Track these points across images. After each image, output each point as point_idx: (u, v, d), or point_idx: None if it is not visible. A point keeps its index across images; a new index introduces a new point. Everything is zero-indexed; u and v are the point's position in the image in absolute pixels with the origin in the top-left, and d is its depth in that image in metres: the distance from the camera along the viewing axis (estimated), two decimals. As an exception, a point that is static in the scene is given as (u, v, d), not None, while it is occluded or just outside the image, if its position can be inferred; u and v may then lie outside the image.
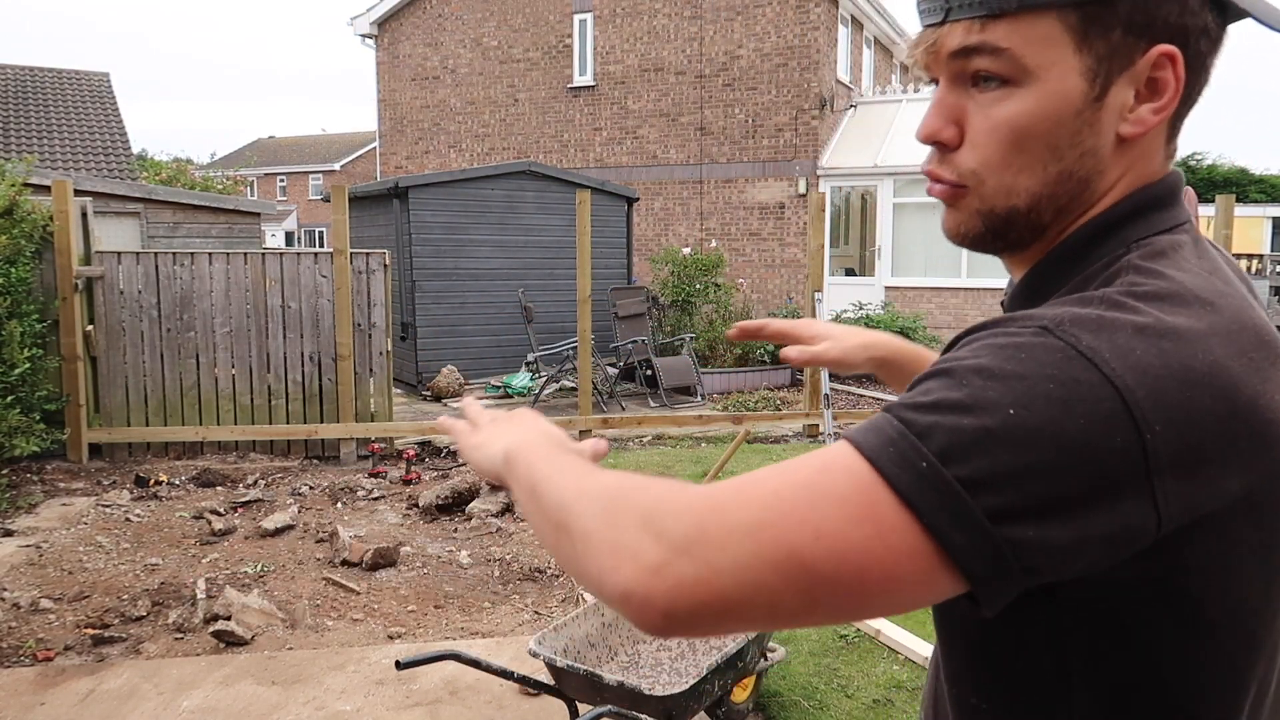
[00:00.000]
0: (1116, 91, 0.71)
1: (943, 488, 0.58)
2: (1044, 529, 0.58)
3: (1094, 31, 0.70)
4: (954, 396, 0.60)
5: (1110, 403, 0.58)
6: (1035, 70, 0.71)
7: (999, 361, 0.61)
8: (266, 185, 43.84)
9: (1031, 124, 0.72)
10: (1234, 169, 26.27)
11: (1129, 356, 0.60)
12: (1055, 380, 0.59)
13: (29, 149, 15.00)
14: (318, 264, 7.19)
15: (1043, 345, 0.61)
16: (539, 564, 4.84)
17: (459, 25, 16.75)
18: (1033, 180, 0.73)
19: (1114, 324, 0.62)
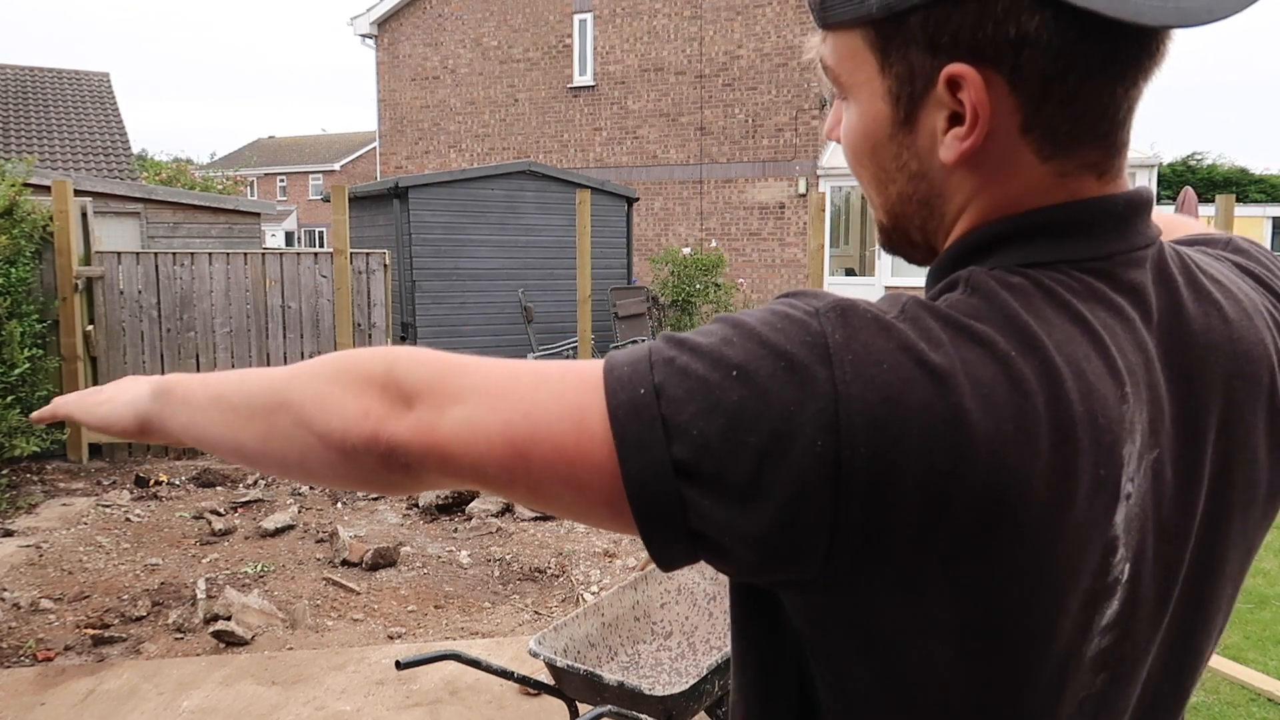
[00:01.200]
0: (927, 115, 0.64)
1: (646, 419, 0.57)
2: (720, 504, 0.56)
3: (892, 50, 0.63)
4: (706, 342, 0.59)
5: (824, 407, 0.55)
6: (852, 88, 0.68)
7: (760, 324, 0.58)
8: (266, 185, 43.85)
9: (857, 142, 0.69)
10: (1234, 169, 26.28)
11: (873, 370, 0.55)
12: (789, 363, 0.56)
13: (29, 149, 15.00)
14: (318, 264, 7.19)
15: (801, 325, 0.58)
16: (539, 564, 4.84)
17: (459, 25, 16.75)
18: (881, 197, 0.71)
19: (886, 333, 0.57)
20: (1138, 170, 13.02)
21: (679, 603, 3.01)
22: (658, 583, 3.03)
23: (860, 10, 0.63)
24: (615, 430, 0.58)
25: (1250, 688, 3.38)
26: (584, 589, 4.49)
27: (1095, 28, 0.59)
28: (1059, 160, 0.64)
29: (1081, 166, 0.64)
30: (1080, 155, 0.64)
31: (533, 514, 5.57)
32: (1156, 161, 13.19)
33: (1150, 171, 13.06)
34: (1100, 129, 0.63)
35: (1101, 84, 0.61)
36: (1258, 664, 3.57)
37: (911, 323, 0.58)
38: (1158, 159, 13.27)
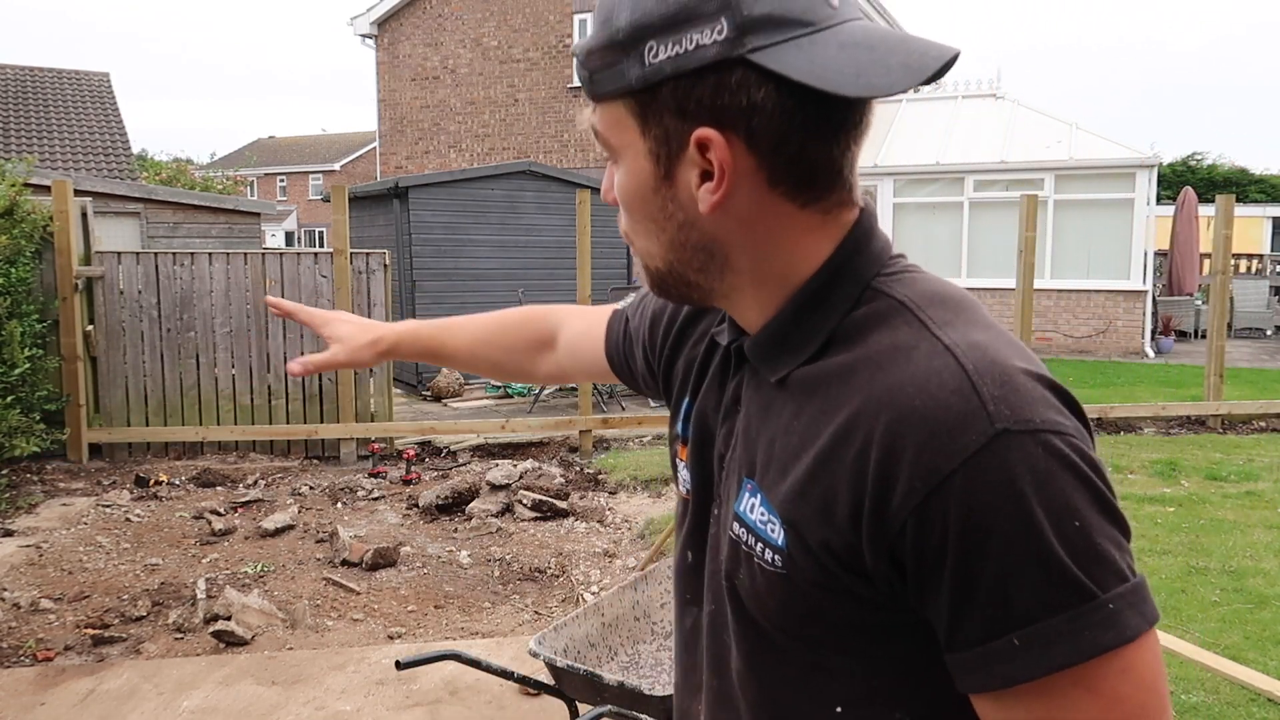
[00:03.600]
0: (683, 172, 0.74)
1: (1137, 595, 0.66)
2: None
3: (649, 117, 0.74)
4: (1054, 560, 0.64)
5: (1085, 438, 0.69)
6: (619, 149, 0.78)
7: (1047, 498, 0.64)
8: (266, 185, 43.85)
9: (626, 197, 0.79)
10: (1234, 169, 26.28)
11: (1041, 379, 0.69)
12: (1068, 466, 0.66)
13: (29, 149, 15.00)
14: (318, 264, 7.19)
15: (1027, 453, 0.64)
16: (539, 564, 4.84)
17: (459, 25, 16.75)
18: (655, 245, 0.79)
19: (1008, 369, 0.68)
20: (1138, 170, 13.02)
21: (679, 603, 3.01)
22: (658, 583, 3.03)
23: (621, 83, 0.74)
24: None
25: (1250, 688, 3.38)
26: (584, 589, 4.49)
27: (809, 99, 0.69)
28: (816, 205, 0.75)
29: (836, 205, 0.76)
30: (828, 198, 0.75)
31: (533, 514, 5.58)
32: (1156, 161, 13.18)
33: (1150, 171, 13.05)
34: (831, 179, 0.75)
35: (820, 143, 0.72)
36: (1258, 664, 3.57)
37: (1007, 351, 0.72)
38: (1158, 159, 13.26)
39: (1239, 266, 16.87)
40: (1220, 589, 4.37)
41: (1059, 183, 13.32)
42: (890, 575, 0.69)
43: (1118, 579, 0.64)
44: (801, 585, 0.73)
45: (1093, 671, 0.64)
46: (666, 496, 6.12)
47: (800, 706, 0.79)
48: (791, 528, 0.73)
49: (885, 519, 0.66)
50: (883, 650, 0.74)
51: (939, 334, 0.70)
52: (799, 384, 0.77)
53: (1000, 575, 0.63)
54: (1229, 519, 5.45)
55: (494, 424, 7.45)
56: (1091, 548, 0.64)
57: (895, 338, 0.72)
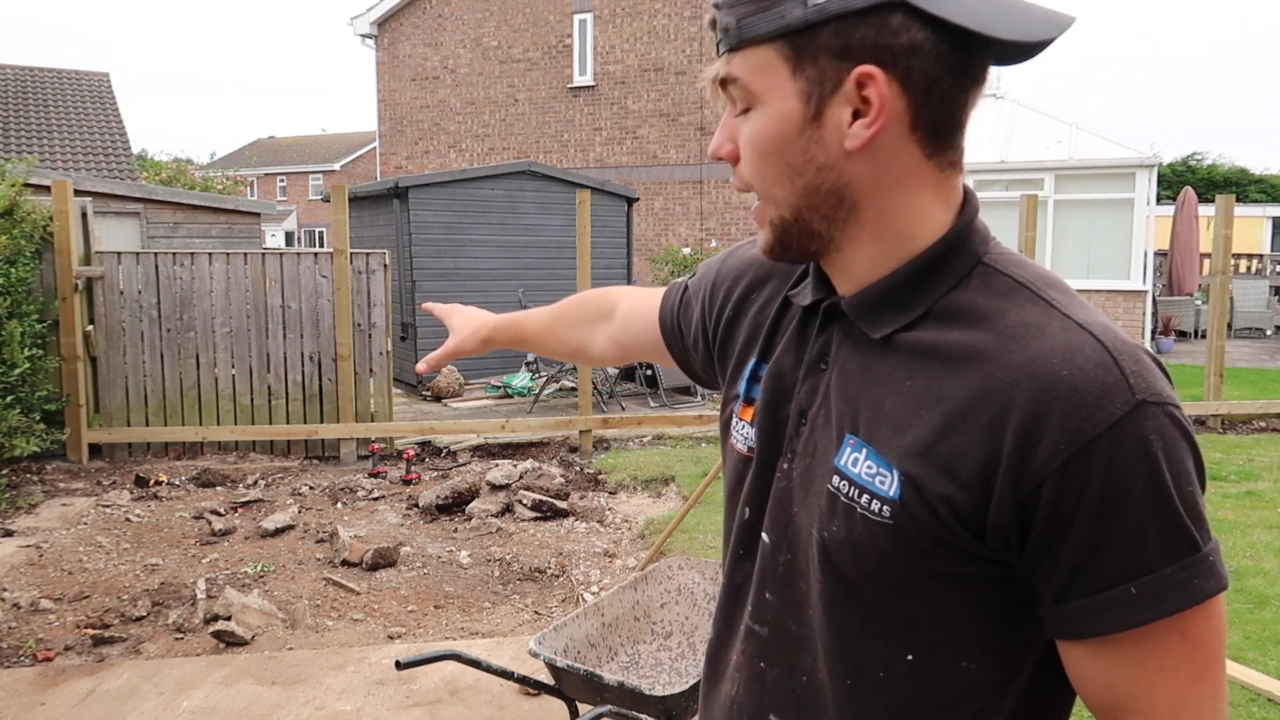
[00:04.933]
0: (833, 111, 0.78)
1: (1215, 563, 0.73)
2: None
3: (804, 58, 0.77)
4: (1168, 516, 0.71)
5: (1187, 421, 0.74)
6: (760, 95, 0.80)
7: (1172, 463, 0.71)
8: (266, 185, 43.84)
9: (765, 141, 0.81)
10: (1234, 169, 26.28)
11: (1163, 378, 0.75)
12: (1189, 438, 0.74)
13: (29, 149, 15.00)
14: (318, 264, 7.19)
15: (1161, 423, 0.72)
16: (539, 564, 4.84)
17: (459, 25, 16.75)
18: (786, 192, 0.82)
19: (1132, 348, 0.74)
20: (1137, 170, 13.02)
21: (679, 603, 3.01)
22: (658, 583, 3.03)
23: (779, 25, 0.77)
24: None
25: (1250, 688, 3.38)
26: (584, 589, 4.49)
27: (959, 44, 0.75)
28: (937, 158, 0.80)
29: (949, 164, 0.81)
30: (948, 155, 0.81)
31: (533, 514, 5.58)
32: (1156, 161, 13.18)
33: (1150, 171, 13.05)
34: (957, 131, 0.80)
35: (960, 91, 0.78)
36: (1258, 664, 3.57)
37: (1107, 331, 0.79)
38: (1158, 159, 13.26)
39: (1239, 266, 16.87)
40: (1220, 589, 4.37)
41: (1059, 183, 13.32)
42: (1009, 532, 0.74)
43: (1209, 533, 0.73)
44: (908, 535, 0.78)
45: (1189, 617, 0.71)
46: (666, 496, 6.12)
47: (875, 654, 0.83)
48: (910, 481, 0.77)
49: (1023, 477, 0.72)
50: (965, 602, 0.79)
51: (1068, 313, 0.76)
52: (912, 347, 0.81)
53: (1129, 529, 0.70)
54: (1229, 519, 5.45)
55: (494, 424, 7.45)
56: (1197, 506, 0.72)
57: (1024, 315, 0.77)
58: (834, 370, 0.87)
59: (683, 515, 4.81)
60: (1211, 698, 0.74)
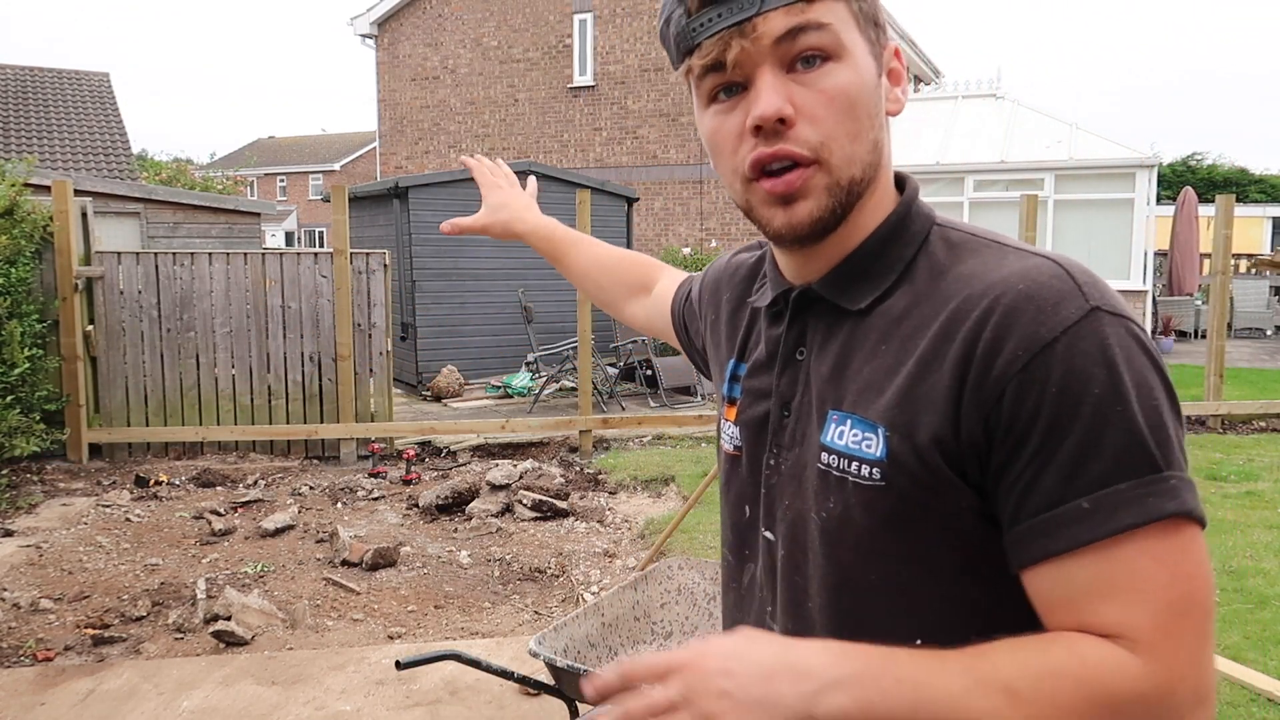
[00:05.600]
0: (882, 74, 0.84)
1: (1186, 485, 0.70)
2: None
3: (865, 20, 0.82)
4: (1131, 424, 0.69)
5: (1148, 339, 0.74)
6: (849, 45, 0.80)
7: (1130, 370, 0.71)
8: (266, 185, 43.83)
9: (858, 94, 0.81)
10: (1234, 169, 26.28)
11: (1119, 299, 0.75)
12: (1147, 351, 0.73)
13: (29, 149, 15.00)
14: (318, 264, 7.19)
15: (1116, 330, 0.71)
16: (539, 564, 4.84)
17: (459, 25, 16.75)
18: (863, 148, 0.82)
19: (1090, 273, 0.75)
20: (1138, 170, 13.02)
21: (679, 603, 3.01)
22: (658, 583, 3.03)
23: None
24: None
25: (1250, 688, 3.38)
26: (584, 589, 4.49)
27: None
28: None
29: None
30: None
31: (533, 514, 5.58)
32: (1156, 161, 13.18)
33: (1150, 171, 13.05)
34: None
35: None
36: (1258, 664, 3.57)
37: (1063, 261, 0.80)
38: (1158, 159, 13.26)
39: (1239, 266, 16.86)
40: (1220, 589, 4.37)
41: (1059, 183, 13.31)
42: (980, 451, 0.73)
43: (1179, 465, 0.70)
44: (901, 493, 0.77)
45: (1157, 539, 0.68)
46: (666, 496, 6.12)
47: (881, 638, 0.75)
48: (894, 432, 0.77)
49: (986, 386, 0.72)
50: (963, 567, 0.78)
51: (1022, 248, 0.79)
52: (886, 314, 0.83)
53: (1085, 436, 0.68)
54: (1229, 519, 5.45)
55: (494, 424, 7.45)
56: (1163, 426, 0.70)
57: (984, 256, 0.80)
58: (811, 356, 0.88)
59: (683, 515, 4.81)
60: (1197, 635, 0.67)
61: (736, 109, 0.82)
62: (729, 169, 0.85)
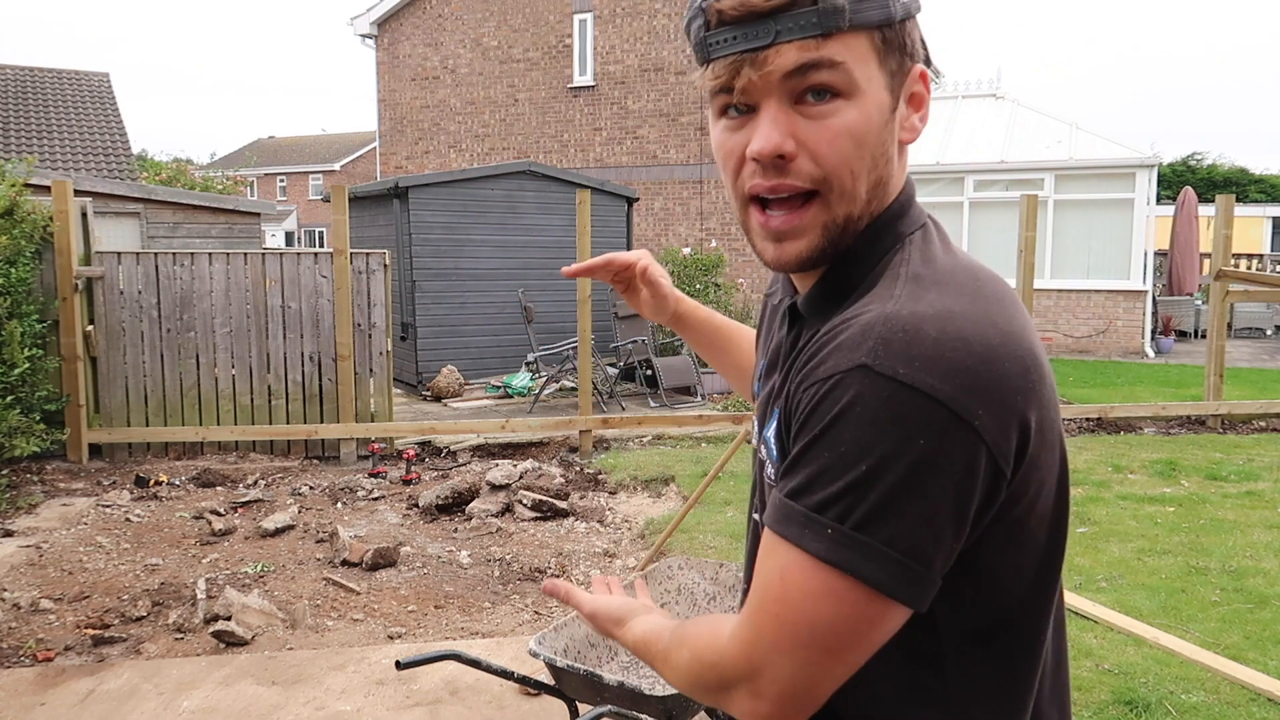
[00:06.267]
0: (900, 104, 0.83)
1: (849, 540, 0.71)
2: (932, 537, 0.72)
3: (889, 50, 0.81)
4: (827, 468, 0.73)
5: (940, 415, 0.70)
6: (862, 83, 0.80)
7: (846, 432, 0.72)
8: (266, 185, 43.84)
9: (864, 134, 0.80)
10: (1234, 169, 26.28)
11: (941, 364, 0.71)
12: (895, 419, 0.70)
13: (29, 149, 15.00)
14: (318, 264, 7.19)
15: (872, 392, 0.71)
16: (539, 564, 4.84)
17: (459, 25, 16.75)
18: (864, 185, 0.82)
19: (920, 333, 0.72)
20: (1138, 170, 13.01)
21: (679, 603, 3.01)
22: (657, 583, 3.03)
23: (885, 14, 0.79)
24: (845, 569, 0.77)
25: (1250, 688, 3.38)
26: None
27: None
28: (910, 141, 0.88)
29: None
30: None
31: (533, 514, 5.58)
32: (1156, 161, 13.18)
33: (1150, 171, 13.05)
34: None
35: None
36: (1258, 664, 3.57)
37: (917, 300, 0.79)
38: (1158, 159, 13.26)
39: (1239, 266, 16.86)
40: (1220, 589, 4.37)
41: (1059, 183, 13.31)
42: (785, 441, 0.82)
43: (863, 525, 0.72)
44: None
45: (795, 560, 0.74)
46: (666, 496, 6.12)
47: None
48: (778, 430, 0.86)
49: (794, 397, 0.79)
50: None
51: (901, 290, 0.78)
52: None
53: (804, 456, 0.75)
54: (1229, 519, 5.45)
55: (494, 424, 7.45)
56: (861, 482, 0.71)
57: (878, 292, 0.80)
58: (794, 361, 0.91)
59: (683, 515, 4.81)
60: (771, 648, 0.76)
61: (743, 131, 0.83)
62: (730, 186, 0.87)
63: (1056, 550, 0.84)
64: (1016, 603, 0.81)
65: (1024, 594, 0.81)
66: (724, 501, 5.77)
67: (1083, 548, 4.96)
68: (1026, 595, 0.82)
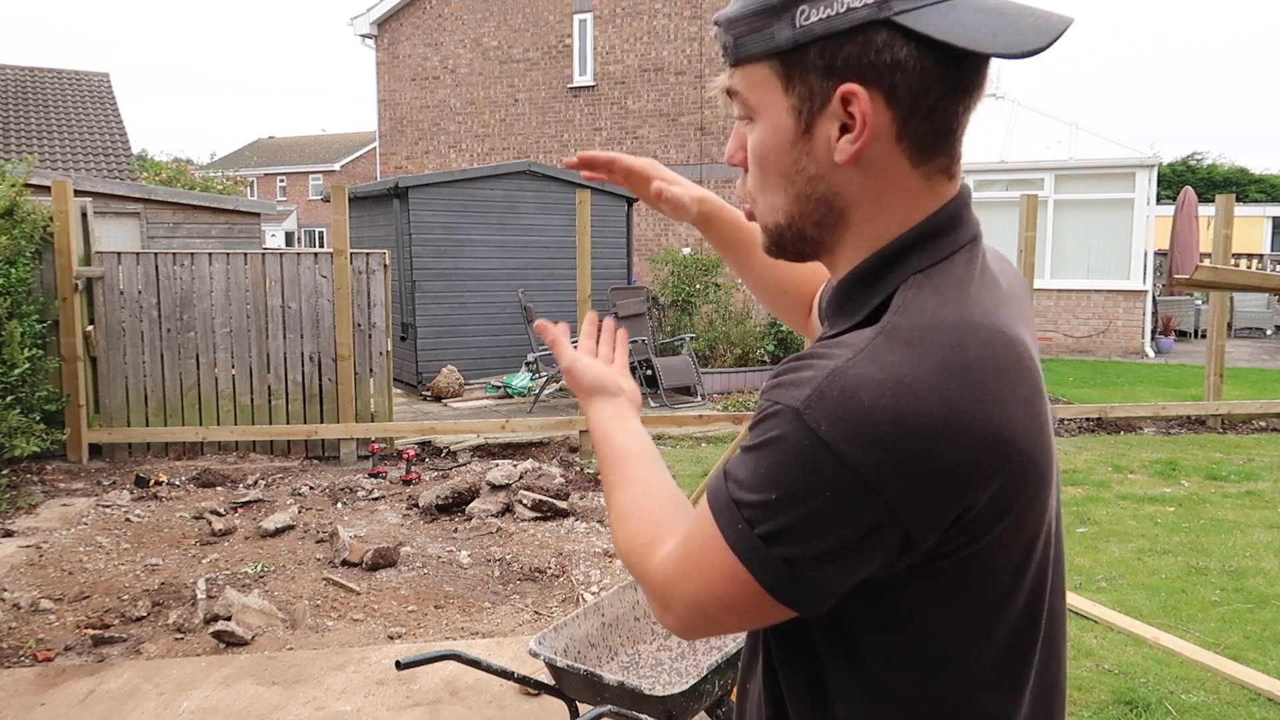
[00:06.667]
0: (823, 126, 0.81)
1: (753, 545, 0.78)
2: (825, 570, 0.77)
3: (795, 76, 0.81)
4: (750, 479, 0.78)
5: (848, 478, 0.73)
6: (758, 108, 0.85)
7: (767, 459, 0.77)
8: (266, 185, 43.84)
9: (764, 152, 0.86)
10: (1234, 169, 26.30)
11: (864, 434, 0.73)
12: (807, 469, 0.74)
13: (29, 149, 15.00)
14: (318, 264, 7.19)
15: (794, 437, 0.75)
16: (539, 564, 4.84)
17: (459, 25, 16.75)
18: (781, 199, 0.87)
19: (854, 398, 0.74)
20: (1137, 170, 13.02)
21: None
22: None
23: (770, 45, 0.81)
24: (746, 563, 0.84)
25: (1250, 688, 3.38)
26: (584, 589, 4.49)
27: (945, 58, 0.77)
28: (924, 166, 0.82)
29: (938, 170, 0.83)
30: (937, 161, 0.83)
31: (533, 514, 5.58)
32: (1156, 161, 13.18)
33: (1150, 171, 13.05)
34: (949, 140, 0.82)
35: (950, 102, 0.80)
36: (1258, 664, 3.57)
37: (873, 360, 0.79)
38: (1158, 159, 13.26)
39: (1239, 266, 16.86)
40: (1220, 589, 4.37)
41: (1059, 182, 13.32)
42: None
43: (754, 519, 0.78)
44: None
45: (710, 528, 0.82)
46: (666, 496, 6.11)
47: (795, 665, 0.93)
48: None
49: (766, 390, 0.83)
50: None
51: (866, 345, 0.78)
52: None
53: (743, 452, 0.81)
54: (1229, 519, 5.45)
55: (494, 424, 7.45)
56: (768, 506, 0.77)
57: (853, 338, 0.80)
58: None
59: (683, 515, 4.81)
60: (682, 591, 0.85)
61: None
62: None
63: (1015, 595, 0.83)
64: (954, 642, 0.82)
65: (966, 635, 0.82)
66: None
67: (1083, 548, 4.96)
68: (970, 636, 0.82)
